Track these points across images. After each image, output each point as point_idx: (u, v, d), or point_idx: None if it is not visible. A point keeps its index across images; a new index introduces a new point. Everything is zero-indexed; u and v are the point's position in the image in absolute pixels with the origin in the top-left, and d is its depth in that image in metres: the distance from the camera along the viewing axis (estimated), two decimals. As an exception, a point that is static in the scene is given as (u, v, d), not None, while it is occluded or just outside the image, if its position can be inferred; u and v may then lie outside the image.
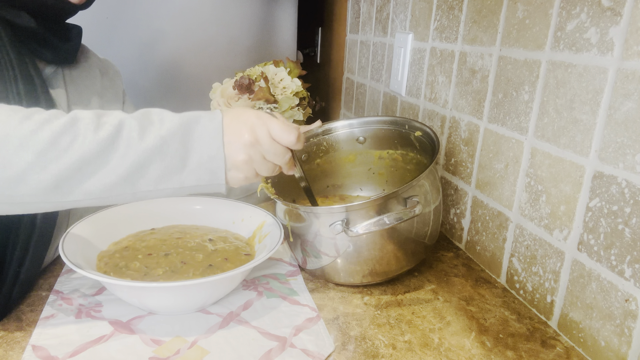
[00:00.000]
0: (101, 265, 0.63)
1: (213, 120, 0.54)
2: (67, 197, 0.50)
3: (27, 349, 0.53)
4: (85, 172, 0.50)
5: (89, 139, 0.49)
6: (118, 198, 0.52)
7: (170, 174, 0.52)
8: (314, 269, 0.70)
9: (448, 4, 0.88)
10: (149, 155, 0.51)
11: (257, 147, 0.55)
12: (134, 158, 0.51)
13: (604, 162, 0.55)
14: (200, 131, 0.53)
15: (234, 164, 0.54)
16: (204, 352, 0.54)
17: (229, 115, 0.55)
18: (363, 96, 1.37)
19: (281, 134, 0.55)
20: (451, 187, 0.89)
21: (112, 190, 0.51)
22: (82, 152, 0.49)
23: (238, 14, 1.49)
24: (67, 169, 0.49)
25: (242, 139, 0.54)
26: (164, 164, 0.52)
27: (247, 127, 0.54)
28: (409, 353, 0.57)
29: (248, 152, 0.54)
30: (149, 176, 0.52)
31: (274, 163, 0.57)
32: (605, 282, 0.55)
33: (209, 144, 0.53)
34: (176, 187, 0.53)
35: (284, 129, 0.55)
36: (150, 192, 0.53)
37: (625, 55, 0.52)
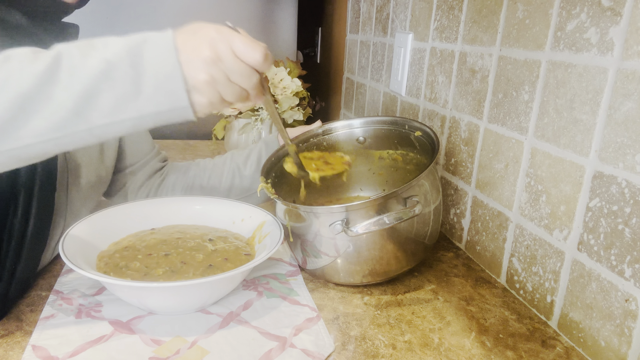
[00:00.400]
0: (101, 265, 0.63)
1: (164, 36, 0.48)
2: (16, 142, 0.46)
3: (27, 349, 0.53)
4: (28, 110, 0.45)
5: (26, 72, 0.45)
6: (75, 137, 0.48)
7: (125, 102, 0.47)
8: (314, 269, 0.70)
9: (448, 4, 0.88)
10: (96, 82, 0.46)
11: (219, 65, 0.48)
12: (79, 87, 0.46)
13: (604, 162, 0.55)
14: (150, 49, 0.47)
15: (194, 84, 0.48)
16: (204, 352, 0.54)
17: (184, 32, 0.49)
18: (363, 96, 1.37)
19: (245, 50, 0.49)
20: (451, 187, 0.89)
21: (64, 128, 0.47)
22: (19, 88, 0.45)
23: (238, 14, 1.49)
24: (8, 109, 0.45)
25: (201, 55, 0.48)
26: (115, 91, 0.47)
27: (206, 43, 0.48)
28: (409, 353, 0.57)
29: (209, 70, 0.48)
30: (101, 107, 0.47)
31: (240, 86, 0.51)
32: (605, 282, 0.55)
33: (163, 62, 0.47)
34: (134, 116, 0.48)
35: (248, 44, 0.49)
36: (108, 127, 0.48)
37: (625, 55, 0.52)
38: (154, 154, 0.87)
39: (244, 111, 1.21)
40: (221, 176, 0.86)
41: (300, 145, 0.84)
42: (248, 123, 1.20)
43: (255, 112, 1.20)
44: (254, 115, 1.20)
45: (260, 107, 1.20)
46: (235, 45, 0.48)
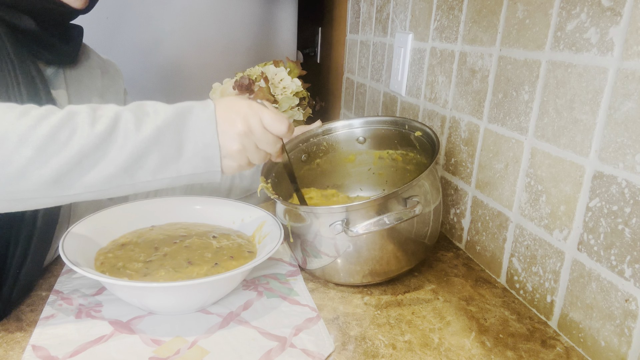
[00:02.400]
0: (97, 264, 0.63)
1: (206, 109, 0.55)
2: (67, 191, 0.51)
3: (27, 349, 0.53)
4: (85, 165, 0.50)
5: (87, 132, 0.50)
6: (117, 190, 0.53)
7: (168, 164, 0.53)
8: (314, 269, 0.70)
9: (448, 4, 0.88)
10: (146, 145, 0.52)
11: (250, 137, 0.56)
12: (132, 149, 0.51)
13: (604, 162, 0.55)
14: (194, 120, 0.54)
15: (228, 152, 0.55)
16: (204, 352, 0.54)
17: (222, 105, 0.56)
18: (363, 96, 1.37)
19: (273, 124, 0.57)
20: (451, 187, 0.89)
21: (111, 182, 0.52)
22: (81, 146, 0.49)
23: (238, 14, 1.49)
24: (67, 163, 0.49)
25: (236, 129, 0.55)
26: (161, 154, 0.52)
27: (240, 117, 0.55)
28: (409, 353, 0.57)
29: (242, 141, 0.55)
30: (147, 166, 0.52)
31: (266, 151, 0.59)
32: (605, 282, 0.55)
33: (204, 132, 0.54)
34: (173, 176, 0.54)
35: (275, 118, 0.57)
36: (149, 183, 0.53)
37: (625, 55, 0.52)
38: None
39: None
40: (221, 176, 0.86)
41: (300, 145, 0.84)
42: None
43: (255, 112, 1.20)
44: (254, 115, 1.20)
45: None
46: (265, 120, 0.57)
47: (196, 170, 0.54)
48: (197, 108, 0.55)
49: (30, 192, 0.49)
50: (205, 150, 0.54)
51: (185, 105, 0.55)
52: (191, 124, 0.54)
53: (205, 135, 0.54)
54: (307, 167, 0.85)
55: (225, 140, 0.55)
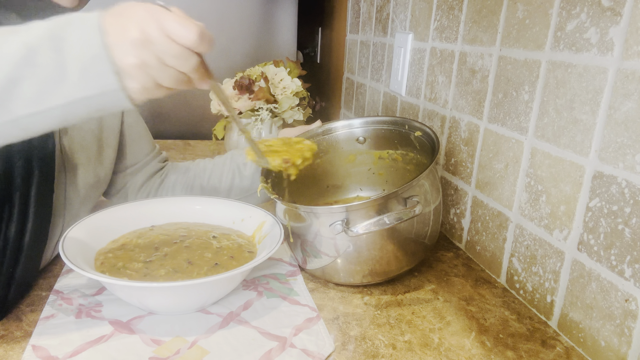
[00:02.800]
0: (97, 264, 0.63)
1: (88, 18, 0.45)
2: None
3: (27, 349, 0.53)
4: None
5: None
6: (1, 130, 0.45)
7: (50, 89, 0.44)
8: (314, 269, 0.70)
9: (448, 4, 0.88)
10: (15, 69, 0.43)
11: (149, 47, 0.44)
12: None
13: (604, 162, 0.55)
14: (74, 32, 0.44)
15: (123, 67, 0.44)
16: (204, 352, 0.54)
17: (111, 13, 0.45)
18: (363, 96, 1.37)
19: (177, 30, 0.44)
20: (451, 187, 0.89)
21: None
22: None
23: (238, 14, 1.49)
24: None
25: (129, 37, 0.44)
26: (38, 78, 0.44)
27: (135, 23, 0.44)
28: (409, 353, 0.57)
29: (138, 53, 0.44)
30: (24, 95, 0.44)
31: (178, 70, 0.46)
32: (605, 282, 0.55)
33: (88, 44, 0.44)
34: (61, 103, 0.45)
35: (181, 23, 0.44)
36: (35, 116, 0.45)
37: (625, 55, 0.52)
38: (155, 154, 0.87)
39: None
40: (221, 176, 0.86)
41: None
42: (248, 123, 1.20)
43: (256, 112, 1.20)
44: (254, 115, 1.20)
45: (260, 107, 1.20)
46: (167, 25, 0.44)
47: (88, 91, 0.44)
48: (77, 18, 0.45)
49: None
50: (93, 66, 0.44)
51: (64, 17, 0.46)
52: (71, 37, 0.44)
53: (90, 48, 0.44)
54: (307, 167, 0.85)
55: (118, 53, 0.44)
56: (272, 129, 1.24)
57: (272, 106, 1.20)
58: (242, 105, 1.20)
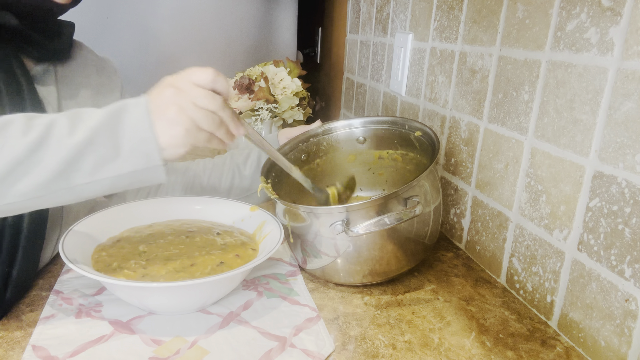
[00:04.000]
0: (92, 262, 0.62)
1: (139, 104, 0.54)
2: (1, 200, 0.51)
3: (27, 349, 0.53)
4: (17, 173, 0.50)
5: (19, 141, 0.50)
6: (55, 195, 0.52)
7: (105, 163, 0.52)
8: (314, 269, 0.70)
9: (448, 4, 0.88)
10: (80, 148, 0.51)
11: (182, 95, 0.53)
12: (65, 153, 0.51)
13: (604, 162, 0.55)
14: (128, 117, 0.53)
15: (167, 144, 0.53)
16: (204, 352, 0.54)
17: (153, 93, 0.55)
18: (363, 96, 1.37)
19: (197, 75, 0.54)
20: (451, 187, 0.89)
21: (47, 187, 0.51)
22: (12, 154, 0.50)
23: (238, 14, 1.49)
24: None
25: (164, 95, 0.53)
26: (97, 155, 0.52)
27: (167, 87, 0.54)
28: (409, 353, 0.57)
29: (175, 101, 0.53)
30: (83, 169, 0.52)
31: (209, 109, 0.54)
32: (605, 282, 0.55)
33: (138, 128, 0.53)
34: (113, 175, 0.53)
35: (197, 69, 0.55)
36: (88, 185, 0.53)
37: (625, 55, 0.52)
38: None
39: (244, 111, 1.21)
40: (221, 176, 0.86)
41: (300, 145, 0.84)
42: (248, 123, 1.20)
43: (256, 112, 1.20)
44: (254, 115, 1.20)
45: (260, 107, 1.20)
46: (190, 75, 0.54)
47: (136, 166, 0.53)
48: (131, 105, 0.54)
49: None
50: (142, 146, 0.53)
51: (119, 104, 0.54)
52: (125, 122, 0.53)
53: (141, 131, 0.53)
54: (307, 167, 0.85)
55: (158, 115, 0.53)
56: (272, 129, 1.24)
57: (272, 106, 1.20)
58: (242, 105, 1.20)
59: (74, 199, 0.54)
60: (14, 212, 0.53)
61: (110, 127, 0.53)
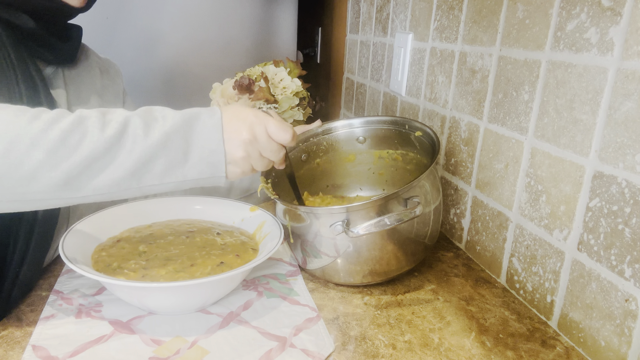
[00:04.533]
0: (92, 262, 0.62)
1: (213, 116, 0.56)
2: (76, 193, 0.52)
3: (27, 349, 0.53)
4: (94, 168, 0.51)
5: (97, 137, 0.51)
6: (125, 193, 0.54)
7: (174, 168, 0.54)
8: (314, 269, 0.70)
9: (448, 4, 0.88)
10: (154, 150, 0.53)
11: (254, 145, 0.57)
12: (140, 154, 0.52)
13: (604, 162, 0.55)
14: (201, 126, 0.55)
15: (233, 159, 0.57)
16: (204, 352, 0.54)
17: (228, 113, 0.57)
18: (363, 96, 1.37)
19: (278, 133, 0.58)
20: (451, 187, 0.89)
21: (119, 185, 0.53)
22: (90, 150, 0.51)
23: (238, 14, 1.49)
24: (77, 166, 0.50)
25: (241, 137, 0.56)
26: (168, 159, 0.54)
27: (246, 126, 0.57)
28: (409, 353, 0.57)
29: (246, 149, 0.57)
30: (154, 171, 0.53)
31: (269, 159, 0.60)
32: (605, 282, 0.55)
33: (210, 139, 0.55)
34: (179, 180, 0.55)
35: (280, 127, 0.58)
36: (155, 186, 0.55)
37: (625, 55, 0.52)
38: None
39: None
40: (221, 176, 0.86)
41: (300, 145, 0.84)
42: None
43: (255, 112, 1.20)
44: (254, 115, 1.20)
45: (260, 107, 1.20)
46: (270, 128, 0.58)
47: (201, 175, 0.56)
48: (205, 115, 0.56)
49: (40, 193, 0.50)
50: (211, 156, 0.55)
51: (193, 111, 0.56)
52: (198, 130, 0.55)
53: (212, 142, 0.55)
54: (307, 167, 0.85)
55: (231, 147, 0.56)
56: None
57: (272, 106, 1.20)
58: (242, 105, 1.20)
59: (139, 194, 0.55)
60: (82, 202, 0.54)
61: (183, 133, 0.54)
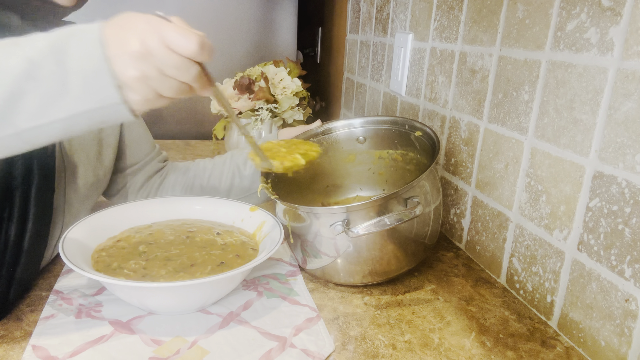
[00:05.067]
0: (92, 262, 0.62)
1: (90, 31, 0.45)
2: None
3: (27, 349, 0.53)
4: None
5: None
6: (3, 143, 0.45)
7: (52, 102, 0.44)
8: (314, 269, 0.70)
9: (448, 4, 0.88)
10: (18, 83, 0.43)
11: (149, 60, 0.44)
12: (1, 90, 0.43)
13: (604, 162, 0.55)
14: (75, 45, 0.44)
15: (124, 80, 0.44)
16: (204, 352, 0.54)
17: (112, 25, 0.45)
18: (363, 96, 1.37)
19: (178, 40, 0.43)
20: (451, 187, 0.89)
21: None
22: None
23: (238, 15, 1.49)
24: None
25: (129, 50, 0.44)
26: (40, 92, 0.44)
27: (135, 35, 0.44)
28: (409, 353, 0.57)
29: (139, 66, 0.44)
30: (26, 109, 0.44)
31: (179, 80, 0.46)
32: (605, 282, 0.55)
33: (89, 58, 0.44)
34: (63, 116, 0.45)
35: (180, 33, 0.44)
36: (37, 129, 0.45)
37: (625, 55, 0.52)
38: (155, 154, 0.87)
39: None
40: (221, 176, 0.86)
41: None
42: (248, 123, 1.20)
43: (255, 112, 1.20)
44: (254, 115, 1.20)
45: (260, 107, 1.20)
46: (167, 36, 0.43)
47: (89, 104, 0.45)
48: (79, 30, 0.45)
49: None
50: (94, 80, 0.44)
51: (65, 30, 0.45)
52: (72, 50, 0.44)
53: (92, 61, 0.44)
54: (307, 167, 0.85)
55: (119, 65, 0.44)
56: (272, 129, 1.24)
57: (272, 106, 1.20)
58: (242, 105, 1.20)
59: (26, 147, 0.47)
60: None
61: (54, 58, 0.44)
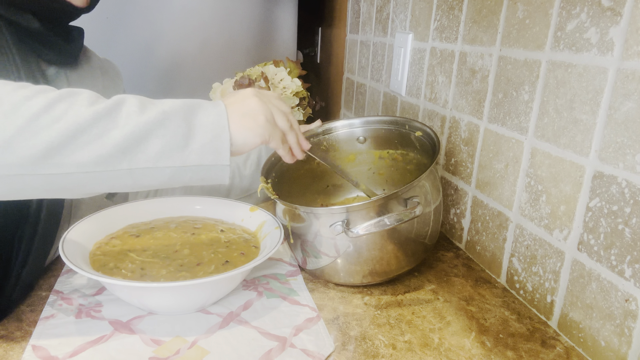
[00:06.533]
0: (99, 263, 0.62)
1: (218, 105, 0.55)
2: (57, 169, 0.47)
3: (27, 349, 0.53)
4: (79, 140, 0.47)
5: (85, 109, 0.48)
6: (114, 175, 0.49)
7: (172, 150, 0.50)
8: (314, 269, 0.70)
9: (448, 4, 0.88)
10: (149, 128, 0.49)
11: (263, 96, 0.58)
12: (133, 129, 0.48)
13: (604, 162, 0.55)
14: (204, 112, 0.53)
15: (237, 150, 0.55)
16: (204, 352, 0.54)
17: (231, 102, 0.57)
18: (363, 96, 1.37)
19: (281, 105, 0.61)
20: (451, 187, 0.89)
21: (107, 163, 0.48)
22: (77, 120, 0.47)
23: (238, 14, 1.49)
24: (59, 135, 0.46)
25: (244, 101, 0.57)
26: (165, 140, 0.50)
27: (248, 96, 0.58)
28: (409, 353, 0.57)
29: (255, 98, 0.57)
30: (149, 151, 0.49)
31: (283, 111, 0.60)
32: (605, 282, 0.55)
33: (215, 123, 0.52)
34: (177, 165, 0.51)
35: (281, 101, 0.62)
36: (149, 170, 0.50)
37: (625, 55, 0.52)
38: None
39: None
40: (221, 176, 0.86)
41: None
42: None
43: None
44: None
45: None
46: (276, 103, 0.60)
47: (203, 161, 0.52)
48: (208, 103, 0.54)
49: (16, 167, 0.45)
50: (215, 141, 0.52)
51: (194, 100, 0.54)
52: (201, 114, 0.53)
53: (217, 127, 0.52)
54: (307, 167, 0.85)
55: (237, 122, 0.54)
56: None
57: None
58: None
59: (131, 184, 0.51)
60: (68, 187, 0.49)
61: (184, 116, 0.51)
